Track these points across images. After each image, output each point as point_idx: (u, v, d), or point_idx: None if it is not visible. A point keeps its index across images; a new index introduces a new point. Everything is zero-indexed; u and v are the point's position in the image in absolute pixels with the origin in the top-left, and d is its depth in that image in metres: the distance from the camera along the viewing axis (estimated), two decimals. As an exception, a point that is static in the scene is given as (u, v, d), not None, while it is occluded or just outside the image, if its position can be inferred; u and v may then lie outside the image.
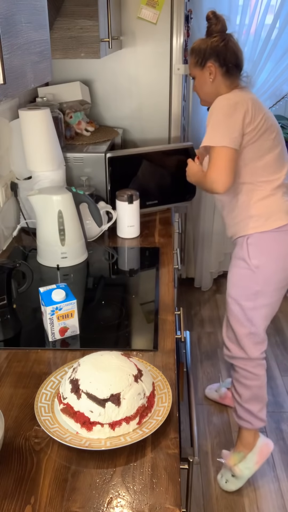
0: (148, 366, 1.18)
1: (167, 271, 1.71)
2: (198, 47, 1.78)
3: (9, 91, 0.86)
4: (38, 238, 1.76)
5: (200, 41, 1.79)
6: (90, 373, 1.03)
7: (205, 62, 1.75)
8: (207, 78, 1.78)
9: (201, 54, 1.76)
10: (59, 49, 1.75)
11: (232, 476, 2.02)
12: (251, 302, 1.84)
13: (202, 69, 1.77)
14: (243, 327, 1.88)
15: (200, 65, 1.77)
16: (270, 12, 2.76)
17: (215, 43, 1.74)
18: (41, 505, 0.89)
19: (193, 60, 1.79)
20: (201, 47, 1.76)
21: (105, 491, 0.91)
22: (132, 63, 2.37)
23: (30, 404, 1.11)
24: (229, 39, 1.75)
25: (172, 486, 0.92)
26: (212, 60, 1.74)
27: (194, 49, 1.79)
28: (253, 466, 2.01)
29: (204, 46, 1.75)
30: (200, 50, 1.77)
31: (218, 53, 1.74)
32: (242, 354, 1.92)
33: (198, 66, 1.77)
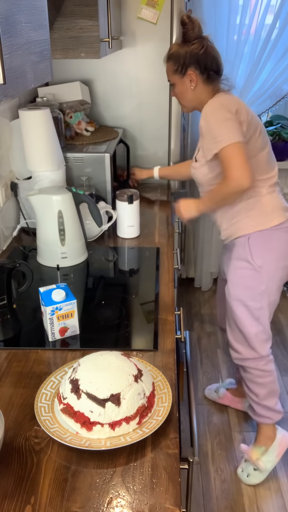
0: (148, 366, 1.18)
1: (167, 271, 1.71)
2: (176, 54, 1.72)
3: (9, 91, 0.86)
4: (38, 238, 1.76)
5: (177, 47, 1.73)
6: (90, 373, 1.03)
7: (185, 70, 1.72)
8: (188, 86, 1.75)
9: (180, 61, 1.71)
10: (59, 49, 1.75)
11: (254, 470, 2.04)
12: (257, 302, 1.83)
13: (183, 76, 1.73)
14: (252, 327, 1.87)
15: (180, 73, 1.73)
16: (270, 12, 2.76)
17: (195, 50, 1.70)
18: (41, 505, 0.89)
19: (172, 67, 1.75)
20: (179, 54, 1.71)
21: (105, 491, 0.91)
22: (132, 63, 2.38)
23: (30, 404, 1.11)
24: (207, 44, 1.71)
25: (172, 486, 0.92)
26: (193, 67, 1.71)
27: (172, 56, 1.74)
28: (275, 458, 2.04)
29: (183, 52, 1.71)
30: (178, 57, 1.72)
31: (198, 60, 1.70)
32: (253, 354, 1.91)
33: (178, 73, 1.74)
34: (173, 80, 1.77)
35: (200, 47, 1.70)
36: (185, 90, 1.76)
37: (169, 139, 2.51)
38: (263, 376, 1.94)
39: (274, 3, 2.74)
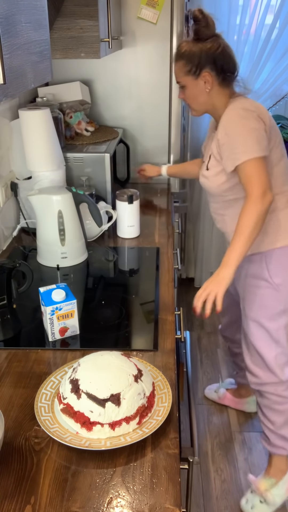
0: (148, 366, 1.18)
1: (167, 271, 1.71)
2: (190, 53, 1.57)
3: (9, 91, 0.86)
4: (38, 238, 1.76)
5: (189, 45, 1.58)
6: (90, 373, 1.03)
7: (200, 71, 1.57)
8: (201, 88, 1.60)
9: (194, 61, 1.56)
10: (59, 49, 1.75)
11: (261, 502, 1.91)
12: (275, 322, 1.73)
13: (196, 78, 1.59)
14: (271, 349, 1.75)
15: (193, 74, 1.58)
16: (270, 12, 2.76)
17: (212, 49, 1.55)
18: (41, 505, 0.89)
19: (184, 68, 1.59)
20: (193, 52, 1.56)
21: (105, 491, 0.91)
22: (132, 63, 2.38)
23: (30, 404, 1.11)
24: (224, 43, 1.58)
25: (172, 486, 0.92)
26: (208, 68, 1.57)
27: (184, 55, 1.58)
28: (285, 493, 1.91)
29: (197, 51, 1.56)
30: (192, 57, 1.56)
31: (215, 60, 1.56)
32: (272, 378, 1.78)
33: (191, 74, 1.58)
34: (184, 81, 1.62)
35: (216, 46, 1.56)
36: (198, 92, 1.62)
37: (169, 139, 2.51)
38: (282, 402, 1.81)
39: (274, 3, 2.74)
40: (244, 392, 2.39)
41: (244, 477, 2.07)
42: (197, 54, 1.56)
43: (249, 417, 2.38)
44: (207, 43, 1.56)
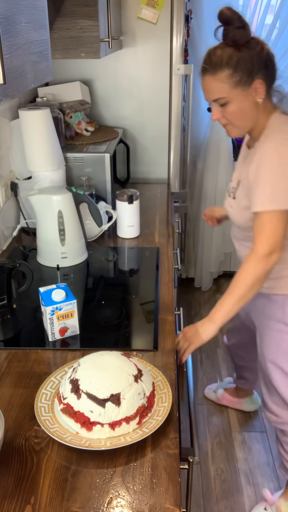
0: (148, 366, 1.18)
1: (167, 271, 1.71)
2: (238, 59, 1.30)
3: (9, 91, 0.86)
4: (38, 238, 1.76)
5: (231, 51, 1.31)
6: (90, 373, 1.03)
7: (252, 79, 1.32)
8: (252, 100, 1.35)
9: (245, 68, 1.30)
10: (59, 49, 1.75)
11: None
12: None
13: (247, 88, 1.33)
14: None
15: (243, 84, 1.32)
16: (270, 12, 2.76)
17: (262, 53, 1.32)
18: (41, 505, 0.89)
19: (232, 78, 1.31)
20: (243, 58, 1.30)
21: (105, 491, 0.91)
22: (132, 63, 2.38)
23: (30, 404, 1.11)
24: (267, 45, 1.36)
25: (172, 486, 0.92)
26: (260, 75, 1.33)
27: (230, 63, 1.30)
28: None
29: (247, 56, 1.30)
30: (243, 63, 1.30)
31: (267, 66, 1.34)
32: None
33: (241, 85, 1.32)
34: (230, 96, 1.34)
35: (263, 48, 1.33)
36: (248, 106, 1.36)
37: (169, 139, 2.51)
38: None
39: (274, 3, 2.74)
40: (243, 393, 2.40)
41: (244, 477, 2.07)
42: (248, 59, 1.31)
43: (249, 417, 2.38)
44: (252, 46, 1.32)
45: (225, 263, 3.46)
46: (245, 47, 1.31)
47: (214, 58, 1.33)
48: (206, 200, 3.19)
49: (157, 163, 2.56)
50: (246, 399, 2.39)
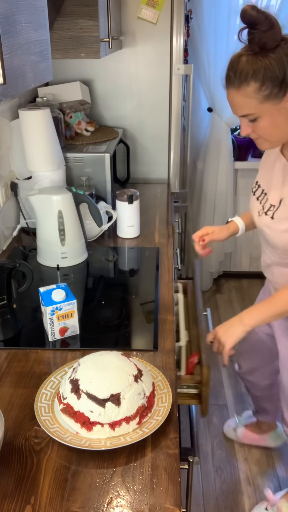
0: (148, 366, 1.18)
1: (167, 271, 1.71)
2: (267, 69, 1.12)
3: (9, 91, 0.86)
4: (38, 238, 1.76)
5: (258, 60, 1.13)
6: (90, 373, 1.03)
7: (286, 89, 1.15)
8: (286, 112, 1.19)
9: (278, 78, 1.13)
10: (59, 49, 1.74)
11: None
12: None
13: (280, 100, 1.16)
14: None
15: (275, 97, 1.15)
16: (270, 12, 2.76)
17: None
18: (41, 505, 0.89)
19: (261, 92, 1.15)
20: (273, 68, 1.12)
21: (105, 491, 0.91)
22: (132, 63, 2.38)
23: (30, 404, 1.11)
24: None
25: (172, 486, 0.92)
26: None
27: (257, 74, 1.13)
28: None
29: (277, 64, 1.12)
30: (273, 73, 1.12)
31: None
32: None
33: (272, 98, 1.15)
34: (260, 111, 1.18)
35: None
36: (283, 119, 1.20)
37: (169, 139, 2.51)
38: None
39: (274, 3, 2.74)
40: (266, 427, 2.17)
41: (244, 477, 2.07)
42: (279, 67, 1.12)
43: (249, 417, 2.38)
44: (283, 49, 1.13)
45: (225, 263, 3.46)
46: (274, 52, 1.12)
47: (238, 69, 1.15)
48: (206, 200, 3.19)
49: (157, 163, 2.56)
50: (270, 433, 2.17)
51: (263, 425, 2.17)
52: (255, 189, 1.46)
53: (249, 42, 1.15)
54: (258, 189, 1.44)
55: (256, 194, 1.44)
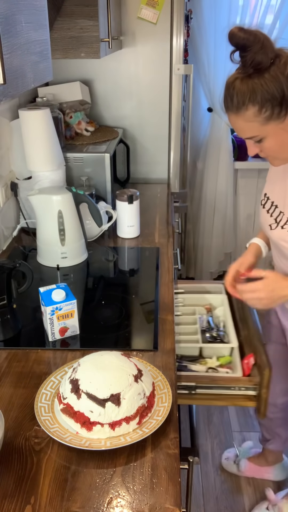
0: (148, 366, 1.18)
1: (167, 271, 1.71)
2: (264, 92, 1.09)
3: (9, 91, 0.86)
4: (38, 238, 1.76)
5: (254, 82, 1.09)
6: (90, 373, 1.03)
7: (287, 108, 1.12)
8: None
9: (277, 97, 1.09)
10: (59, 49, 1.75)
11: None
12: None
13: (284, 119, 1.12)
14: None
15: (278, 117, 1.12)
16: (270, 12, 2.76)
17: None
18: (41, 505, 0.89)
19: (261, 115, 1.12)
20: (270, 89, 1.09)
21: (105, 491, 0.91)
22: (132, 63, 2.38)
23: (30, 404, 1.11)
24: None
25: (172, 486, 0.92)
26: None
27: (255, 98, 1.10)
28: None
29: (273, 85, 1.08)
30: (272, 93, 1.09)
31: None
32: None
33: (274, 118, 1.12)
34: (264, 132, 1.15)
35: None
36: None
37: (169, 139, 2.51)
38: None
39: (274, 3, 2.74)
40: (272, 458, 2.03)
41: (244, 477, 2.07)
42: (276, 86, 1.09)
43: (249, 417, 2.38)
44: (278, 66, 1.09)
45: (225, 263, 3.46)
46: (269, 71, 1.08)
47: (234, 94, 1.12)
48: (206, 200, 3.19)
49: (157, 163, 2.56)
50: (275, 466, 2.03)
51: (269, 456, 2.02)
52: (264, 201, 1.42)
53: (242, 65, 1.11)
54: (267, 202, 1.40)
55: (266, 207, 1.40)
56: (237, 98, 1.12)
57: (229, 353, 1.61)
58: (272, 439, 1.92)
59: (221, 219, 3.23)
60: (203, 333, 1.71)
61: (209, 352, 1.63)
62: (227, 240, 3.30)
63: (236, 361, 1.54)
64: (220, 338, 1.67)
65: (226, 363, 1.59)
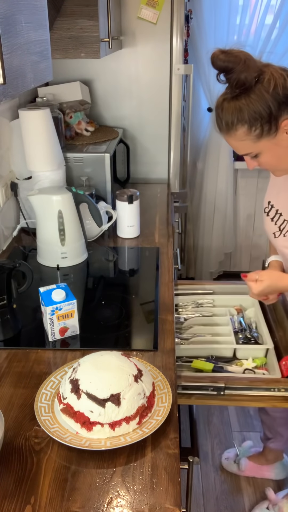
0: (148, 366, 1.18)
1: (167, 271, 1.71)
2: (252, 109, 1.12)
3: (9, 91, 0.86)
4: (38, 238, 1.76)
5: (241, 101, 1.12)
6: (90, 373, 1.03)
7: (277, 123, 1.14)
8: (286, 141, 1.17)
9: (265, 115, 1.12)
10: (59, 49, 1.74)
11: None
12: None
13: (276, 134, 1.15)
14: None
15: (268, 133, 1.15)
16: (270, 12, 2.76)
17: (277, 86, 1.12)
18: (41, 505, 0.89)
19: (251, 134, 1.15)
20: (255, 108, 1.12)
21: (105, 491, 0.91)
22: (132, 63, 2.37)
23: (30, 404, 1.11)
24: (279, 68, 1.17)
25: (172, 486, 0.92)
26: (286, 112, 1.14)
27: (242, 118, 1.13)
28: None
29: (259, 103, 1.11)
30: (259, 111, 1.12)
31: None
32: None
33: (265, 135, 1.15)
34: (258, 148, 1.18)
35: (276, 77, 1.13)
36: (285, 149, 1.19)
37: (169, 139, 2.51)
38: None
39: (274, 3, 2.74)
40: (272, 457, 2.03)
41: (244, 477, 2.07)
42: (263, 104, 1.11)
43: (249, 417, 2.38)
44: (263, 83, 1.12)
45: (225, 263, 3.46)
46: (255, 89, 1.11)
47: (223, 117, 1.16)
48: (206, 200, 3.19)
49: (157, 163, 2.56)
50: (276, 464, 2.04)
51: (269, 454, 2.02)
52: (268, 209, 1.43)
53: (228, 86, 1.14)
54: (271, 210, 1.41)
55: (270, 215, 1.41)
56: (226, 119, 1.16)
57: (263, 354, 1.61)
58: (274, 438, 1.92)
59: (221, 219, 3.23)
60: (236, 334, 1.71)
61: (244, 353, 1.62)
62: (227, 240, 3.30)
63: (273, 362, 1.54)
64: (254, 339, 1.67)
65: (262, 364, 1.59)
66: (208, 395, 1.44)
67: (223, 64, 1.09)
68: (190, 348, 1.62)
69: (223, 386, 1.43)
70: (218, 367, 1.54)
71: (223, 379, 1.45)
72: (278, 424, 1.87)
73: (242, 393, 1.46)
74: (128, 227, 1.94)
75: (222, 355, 1.64)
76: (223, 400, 1.46)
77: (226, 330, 1.71)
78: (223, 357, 1.63)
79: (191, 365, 1.54)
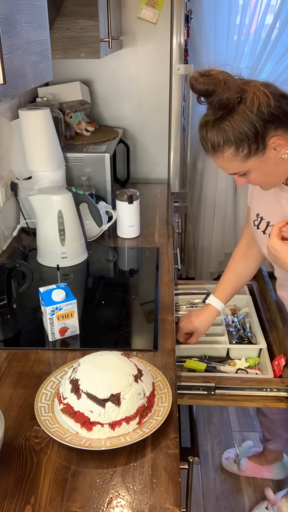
0: (148, 366, 1.18)
1: (167, 271, 1.71)
2: (237, 129, 1.10)
3: (9, 91, 0.86)
4: (38, 238, 1.76)
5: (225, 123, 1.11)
6: (90, 373, 1.03)
7: (264, 141, 1.12)
8: (275, 159, 1.16)
9: (251, 134, 1.10)
10: (59, 49, 1.75)
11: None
12: None
13: (263, 152, 1.14)
14: None
15: (256, 152, 1.13)
16: (270, 12, 2.76)
17: (261, 104, 1.08)
18: (41, 505, 0.89)
19: (239, 154, 1.13)
20: (242, 126, 1.09)
21: (105, 491, 0.91)
22: (132, 63, 2.38)
23: (30, 404, 1.11)
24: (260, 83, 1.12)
25: (172, 486, 0.92)
26: (273, 129, 1.11)
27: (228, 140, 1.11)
28: None
29: (246, 121, 1.09)
30: (245, 131, 1.10)
31: (274, 114, 1.10)
32: None
33: (253, 154, 1.13)
34: (246, 167, 1.17)
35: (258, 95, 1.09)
36: (272, 167, 1.18)
37: (169, 139, 2.51)
38: None
39: (274, 3, 2.75)
40: (272, 457, 2.03)
41: (244, 477, 2.07)
42: (247, 123, 1.09)
43: (249, 417, 2.38)
44: (244, 105, 1.09)
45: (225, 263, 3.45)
46: (238, 109, 1.09)
47: (208, 139, 1.14)
48: (206, 200, 3.19)
49: (157, 163, 2.56)
50: (275, 464, 2.04)
51: (269, 455, 2.02)
52: (257, 222, 1.41)
53: (210, 107, 1.12)
54: (261, 222, 1.39)
55: (261, 228, 1.39)
56: (211, 141, 1.14)
57: (257, 354, 1.61)
58: (273, 439, 1.92)
59: (221, 219, 3.23)
60: (229, 334, 1.71)
61: (237, 353, 1.62)
62: (227, 240, 3.30)
63: (265, 362, 1.54)
64: (247, 339, 1.67)
65: (255, 364, 1.59)
66: (199, 395, 1.44)
67: (203, 87, 1.08)
68: (183, 348, 1.62)
69: (213, 386, 1.42)
70: (211, 367, 1.54)
71: (215, 379, 1.45)
72: (276, 426, 1.87)
73: (234, 392, 1.45)
74: (128, 227, 1.94)
75: (215, 355, 1.63)
76: (215, 400, 1.46)
77: (220, 330, 1.71)
78: (216, 357, 1.63)
79: (184, 365, 1.54)
